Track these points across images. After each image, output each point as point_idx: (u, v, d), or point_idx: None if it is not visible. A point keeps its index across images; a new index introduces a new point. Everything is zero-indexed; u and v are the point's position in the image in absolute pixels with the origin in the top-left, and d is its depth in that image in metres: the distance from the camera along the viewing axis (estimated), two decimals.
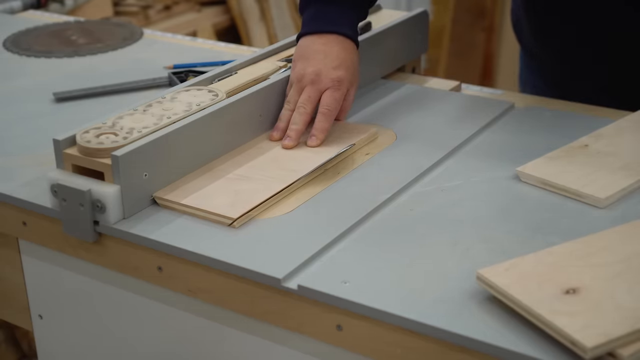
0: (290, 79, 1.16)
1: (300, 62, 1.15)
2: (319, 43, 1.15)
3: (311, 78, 1.13)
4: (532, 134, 1.16)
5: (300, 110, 1.13)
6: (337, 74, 1.13)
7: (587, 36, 1.28)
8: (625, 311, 0.75)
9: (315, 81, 1.13)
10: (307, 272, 0.88)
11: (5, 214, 1.06)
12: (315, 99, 1.13)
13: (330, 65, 1.13)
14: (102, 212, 0.96)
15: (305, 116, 1.12)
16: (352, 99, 1.17)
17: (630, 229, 0.88)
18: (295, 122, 1.12)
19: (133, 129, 1.02)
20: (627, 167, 1.03)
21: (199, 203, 0.98)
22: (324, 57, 1.14)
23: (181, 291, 0.95)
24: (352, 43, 1.17)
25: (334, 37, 1.15)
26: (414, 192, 1.03)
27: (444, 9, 3.48)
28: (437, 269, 0.87)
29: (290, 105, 1.14)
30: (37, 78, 1.45)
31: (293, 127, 1.12)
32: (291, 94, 1.15)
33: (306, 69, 1.13)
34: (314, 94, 1.13)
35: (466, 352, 0.78)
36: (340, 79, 1.13)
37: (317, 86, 1.13)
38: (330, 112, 1.13)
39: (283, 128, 1.14)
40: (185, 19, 3.22)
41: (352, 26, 1.18)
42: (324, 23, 1.16)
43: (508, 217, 0.97)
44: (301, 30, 1.18)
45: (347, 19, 1.17)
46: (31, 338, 1.82)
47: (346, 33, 1.16)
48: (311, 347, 0.89)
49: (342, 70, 1.13)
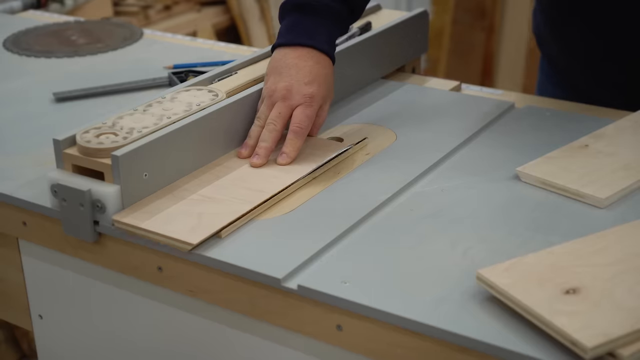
0: (262, 94, 1.12)
1: (273, 76, 1.11)
2: (292, 56, 1.10)
3: (282, 94, 1.08)
4: (532, 134, 1.16)
5: (270, 127, 1.08)
6: (309, 89, 1.08)
7: (611, 48, 1.27)
8: (625, 311, 0.75)
9: (286, 97, 1.08)
10: (307, 272, 0.88)
11: (5, 214, 1.06)
12: (287, 115, 1.08)
13: (302, 80, 1.09)
14: (102, 212, 0.96)
15: (275, 133, 1.08)
16: (325, 115, 1.13)
17: (630, 229, 0.88)
18: (265, 140, 1.07)
19: (133, 129, 1.02)
20: (627, 167, 1.03)
21: (159, 227, 0.93)
22: (297, 71, 1.09)
23: (181, 291, 0.95)
24: (327, 58, 1.12)
25: (309, 50, 1.10)
26: (414, 192, 1.03)
27: (444, 9, 3.48)
28: (437, 269, 0.87)
29: (261, 121, 1.10)
30: (37, 78, 1.45)
31: (262, 145, 1.07)
32: (262, 109, 1.10)
33: (277, 83, 1.09)
34: (285, 110, 1.08)
35: (466, 352, 0.78)
36: (313, 95, 1.09)
37: (288, 102, 1.08)
38: (301, 129, 1.08)
39: (252, 145, 1.09)
40: (185, 19, 3.22)
41: (328, 40, 1.13)
42: (300, 35, 1.11)
43: (508, 217, 0.97)
44: (276, 41, 1.13)
45: (324, 32, 1.12)
46: (31, 338, 1.82)
47: (321, 47, 1.11)
48: (311, 347, 0.89)
49: (314, 86, 1.09)
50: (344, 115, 1.23)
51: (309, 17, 1.12)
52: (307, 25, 1.12)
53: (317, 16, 1.12)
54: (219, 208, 0.97)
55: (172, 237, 0.92)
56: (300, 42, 1.11)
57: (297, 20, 1.13)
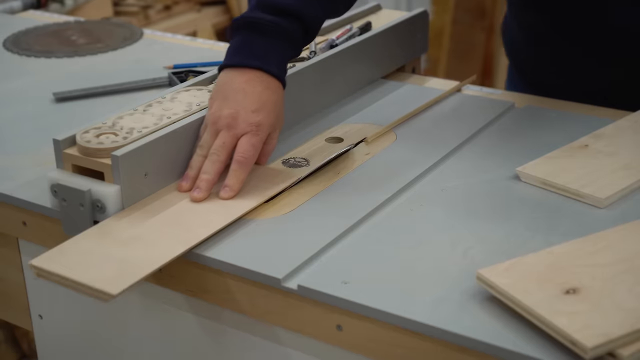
0: (205, 119, 1.04)
1: (218, 101, 1.03)
2: (239, 80, 1.03)
3: (227, 122, 1.01)
4: (532, 134, 1.16)
5: (213, 158, 1.00)
6: (256, 118, 1.01)
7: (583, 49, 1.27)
8: (625, 311, 0.75)
9: (231, 125, 1.01)
10: (307, 272, 0.88)
11: (5, 214, 1.06)
12: (231, 145, 1.01)
13: (249, 107, 1.01)
14: (102, 212, 0.96)
15: (219, 164, 1.00)
16: (274, 143, 1.06)
17: (630, 229, 0.88)
18: (207, 172, 1.00)
19: (133, 129, 1.02)
20: (627, 167, 1.03)
21: (78, 274, 0.85)
22: (244, 97, 1.02)
23: (181, 291, 0.95)
24: (278, 82, 1.05)
25: (258, 74, 1.03)
26: (414, 192, 1.03)
27: (444, 9, 3.48)
28: (437, 269, 0.87)
29: (203, 150, 1.01)
30: (37, 78, 1.45)
31: (204, 177, 0.99)
32: (204, 137, 1.02)
33: (222, 110, 1.01)
34: (229, 140, 1.00)
35: (466, 352, 0.78)
36: (259, 123, 1.01)
37: (233, 131, 1.01)
38: (246, 159, 1.00)
39: (193, 177, 1.01)
40: (185, 19, 3.22)
41: (279, 63, 1.05)
42: (248, 56, 1.04)
43: (508, 217, 0.97)
44: (223, 61, 1.06)
45: (275, 54, 1.05)
46: (31, 338, 1.82)
47: (271, 70, 1.04)
48: (311, 347, 0.89)
49: (262, 114, 1.01)
50: (344, 115, 1.23)
51: (259, 37, 1.05)
52: (257, 45, 1.05)
53: (268, 36, 1.05)
54: (148, 251, 0.89)
55: (90, 286, 0.83)
56: (248, 64, 1.03)
57: (247, 39, 1.05)
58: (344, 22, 1.44)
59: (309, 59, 1.25)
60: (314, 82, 1.22)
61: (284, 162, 1.10)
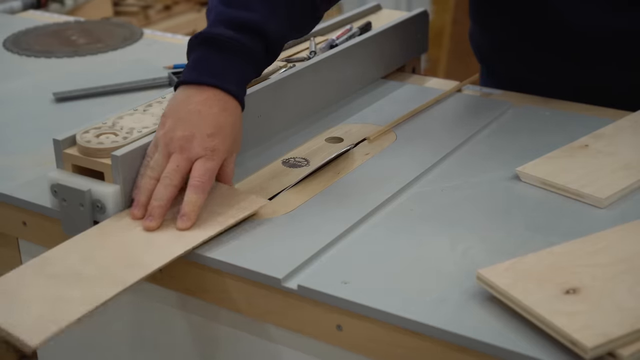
0: (155, 138, 0.97)
1: (171, 120, 0.96)
2: (196, 101, 0.96)
3: (180, 144, 0.94)
4: (532, 134, 1.16)
5: (165, 182, 0.94)
6: (211, 143, 0.95)
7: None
8: (625, 311, 0.75)
9: (185, 148, 0.94)
10: (307, 272, 0.88)
11: (5, 214, 1.06)
12: (185, 169, 0.94)
13: (205, 131, 0.95)
14: (102, 212, 0.96)
15: (172, 189, 0.94)
16: (232, 167, 1.00)
17: (630, 229, 0.88)
18: (159, 198, 0.93)
19: (133, 129, 1.02)
20: (627, 167, 1.03)
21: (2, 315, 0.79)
22: (199, 119, 0.95)
23: (181, 291, 0.95)
24: (236, 102, 0.99)
25: (216, 93, 0.97)
26: (414, 192, 1.03)
27: (444, 9, 3.48)
28: (437, 269, 0.87)
29: (155, 172, 0.95)
30: (37, 78, 1.45)
31: (156, 204, 0.93)
32: (156, 158, 0.95)
33: (176, 131, 0.95)
34: (183, 164, 0.94)
35: (466, 352, 0.78)
36: (215, 148, 0.95)
37: (187, 154, 0.94)
38: (203, 184, 0.94)
39: (144, 203, 0.94)
40: (185, 19, 3.23)
41: (238, 82, 1.00)
42: (206, 74, 0.98)
43: (508, 217, 0.97)
44: (180, 78, 1.00)
45: (234, 72, 0.99)
46: None
47: (229, 89, 0.98)
48: (311, 347, 0.89)
49: (217, 139, 0.95)
50: (344, 115, 1.23)
51: (217, 53, 0.99)
52: (215, 62, 0.99)
53: (226, 53, 0.99)
54: (84, 290, 0.83)
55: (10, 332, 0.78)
56: (205, 82, 0.97)
57: (205, 56, 1.00)
58: (344, 22, 1.44)
59: (309, 59, 1.25)
60: (314, 82, 1.22)
61: (284, 162, 1.10)
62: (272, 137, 1.16)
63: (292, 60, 1.28)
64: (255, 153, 1.12)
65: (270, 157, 1.11)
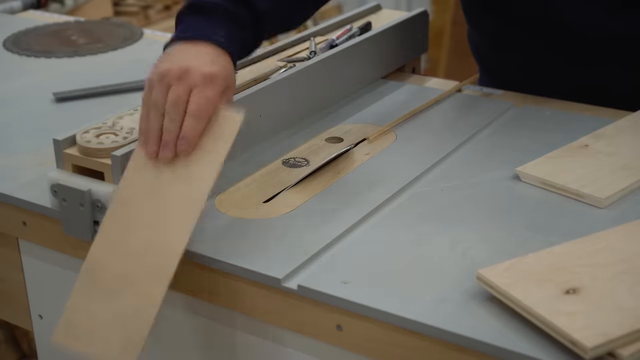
0: (149, 79, 0.95)
1: (166, 61, 0.95)
2: (189, 46, 0.96)
3: (177, 73, 0.92)
4: (532, 134, 1.16)
5: (171, 116, 0.92)
6: (210, 69, 0.93)
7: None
8: (625, 311, 0.75)
9: (182, 77, 0.92)
10: (307, 272, 0.88)
11: (5, 214, 1.06)
12: (186, 97, 0.92)
13: (202, 61, 0.93)
14: (102, 212, 0.96)
15: (179, 120, 0.92)
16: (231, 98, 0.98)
17: (630, 229, 0.88)
18: (170, 130, 0.92)
19: (133, 129, 1.02)
20: (627, 167, 1.03)
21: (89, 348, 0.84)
22: (196, 56, 0.94)
23: (181, 291, 0.95)
24: (228, 57, 0.97)
25: (206, 45, 0.96)
26: (414, 192, 1.03)
27: (444, 9, 3.48)
28: (437, 269, 0.87)
29: (159, 108, 0.92)
30: (37, 78, 1.45)
31: (168, 137, 0.92)
32: (155, 94, 0.93)
33: (172, 65, 0.93)
34: (182, 92, 0.92)
35: (466, 352, 0.78)
36: (213, 74, 0.93)
37: (185, 82, 0.92)
38: (201, 112, 0.91)
39: (158, 138, 0.92)
40: None
41: (227, 36, 0.98)
42: (195, 30, 0.97)
43: (508, 217, 0.97)
44: (169, 39, 1.00)
45: (222, 29, 0.98)
46: (31, 338, 1.82)
47: (219, 41, 0.96)
48: (311, 347, 0.89)
49: (216, 67, 0.93)
50: (344, 115, 1.23)
51: (203, 16, 0.99)
52: (202, 23, 0.99)
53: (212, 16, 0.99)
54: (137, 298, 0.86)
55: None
56: (195, 36, 0.96)
57: (191, 21, 1.00)
58: (344, 22, 1.44)
59: (309, 59, 1.25)
60: (314, 82, 1.22)
61: (284, 162, 1.10)
62: (272, 137, 1.16)
63: (292, 60, 1.28)
64: (255, 153, 1.12)
65: (270, 157, 1.11)
